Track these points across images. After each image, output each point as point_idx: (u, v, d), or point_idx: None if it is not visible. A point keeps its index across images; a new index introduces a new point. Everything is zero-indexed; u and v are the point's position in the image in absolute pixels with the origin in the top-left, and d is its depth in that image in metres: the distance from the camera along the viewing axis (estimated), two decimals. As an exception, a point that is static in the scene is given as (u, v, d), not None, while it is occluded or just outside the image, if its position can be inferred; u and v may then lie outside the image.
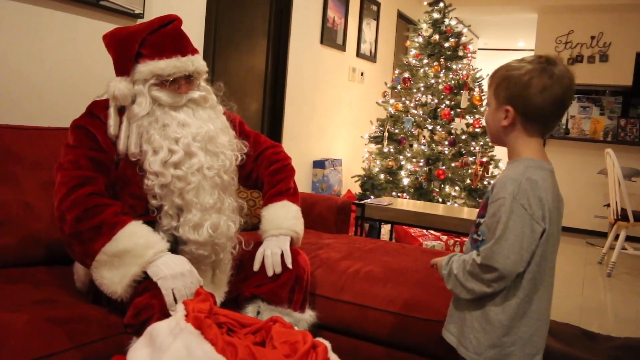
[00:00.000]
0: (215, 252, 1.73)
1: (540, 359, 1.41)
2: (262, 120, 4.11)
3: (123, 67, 1.70)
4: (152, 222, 1.67)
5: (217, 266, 1.78)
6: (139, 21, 2.70)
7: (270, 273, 1.78)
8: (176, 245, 1.68)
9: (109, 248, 1.52)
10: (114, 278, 1.52)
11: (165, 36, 1.69)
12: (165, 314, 1.45)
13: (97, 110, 1.70)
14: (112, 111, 1.68)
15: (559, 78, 1.32)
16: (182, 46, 1.71)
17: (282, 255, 1.81)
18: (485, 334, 1.38)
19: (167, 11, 2.36)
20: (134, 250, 1.52)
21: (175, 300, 1.48)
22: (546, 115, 1.35)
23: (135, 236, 1.54)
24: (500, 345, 1.37)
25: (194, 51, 1.75)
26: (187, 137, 1.67)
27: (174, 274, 1.51)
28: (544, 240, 1.33)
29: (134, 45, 1.67)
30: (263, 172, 1.99)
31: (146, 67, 1.67)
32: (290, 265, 1.79)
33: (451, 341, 1.49)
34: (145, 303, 1.49)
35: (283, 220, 1.89)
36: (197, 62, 1.73)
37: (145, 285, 1.51)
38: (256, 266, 1.80)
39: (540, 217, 1.30)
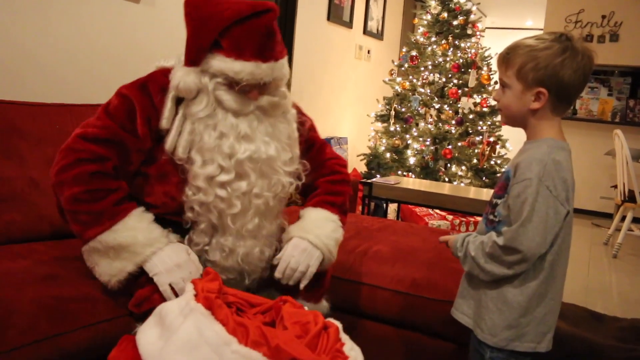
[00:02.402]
0: (242, 276, 1.59)
1: (551, 337, 1.40)
2: (267, 97, 4.07)
3: (195, 56, 1.47)
4: (183, 230, 1.56)
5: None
6: (145, -5, 2.66)
7: (290, 283, 1.58)
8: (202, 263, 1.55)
9: (105, 239, 1.40)
10: (107, 270, 1.43)
11: (252, 32, 1.43)
12: None
13: (152, 88, 1.50)
14: (169, 101, 1.48)
15: (587, 55, 1.30)
16: (267, 49, 1.46)
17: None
18: (501, 315, 1.37)
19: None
20: (132, 247, 1.41)
21: (176, 294, 1.40)
22: (575, 93, 1.33)
23: (134, 230, 1.42)
24: (516, 326, 1.36)
25: (278, 55, 1.50)
26: (244, 154, 1.48)
27: (169, 268, 1.40)
28: (566, 222, 1.32)
29: (213, 33, 1.43)
30: (321, 178, 1.76)
31: (219, 64, 1.44)
32: (301, 287, 1.59)
33: (466, 322, 1.47)
34: (146, 296, 1.43)
35: (328, 236, 1.64)
36: (277, 71, 1.50)
37: (147, 277, 1.44)
38: (276, 260, 1.60)
39: (564, 199, 1.28)
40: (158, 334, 1.18)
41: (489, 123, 4.59)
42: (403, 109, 4.75)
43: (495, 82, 4.58)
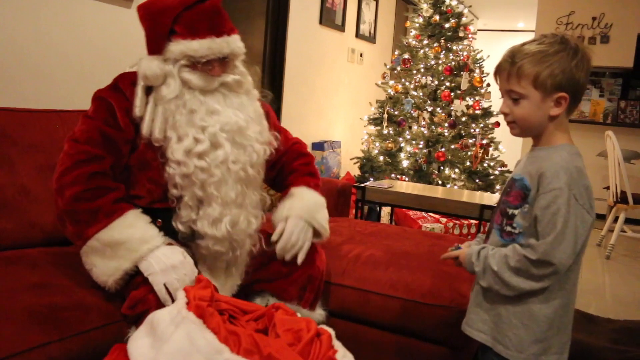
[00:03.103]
0: (232, 249, 1.64)
1: (569, 346, 1.37)
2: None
3: (155, 45, 1.59)
4: (169, 209, 1.61)
5: (232, 263, 1.68)
6: None
7: (287, 258, 1.69)
8: (193, 239, 1.61)
9: (103, 236, 1.47)
10: (104, 269, 1.48)
11: (201, 13, 1.56)
12: (161, 307, 1.41)
13: (122, 84, 1.62)
14: (139, 90, 1.58)
15: (589, 55, 1.30)
16: (218, 25, 1.58)
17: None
18: (527, 330, 1.31)
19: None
20: (128, 243, 1.47)
21: (170, 295, 1.44)
22: (584, 93, 1.32)
23: (132, 227, 1.49)
24: (543, 340, 1.31)
25: (230, 31, 1.62)
26: (215, 126, 1.58)
27: (164, 268, 1.45)
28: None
29: (167, 21, 1.56)
30: (290, 161, 1.90)
31: (178, 47, 1.56)
32: (299, 262, 1.70)
33: (483, 340, 1.40)
34: (141, 297, 1.45)
35: (316, 211, 1.79)
36: (232, 44, 1.61)
37: (142, 278, 1.47)
38: (275, 237, 1.70)
39: (589, 207, 1.25)
40: (149, 343, 1.17)
41: (481, 125, 4.60)
42: (396, 112, 4.75)
43: (488, 85, 4.59)
